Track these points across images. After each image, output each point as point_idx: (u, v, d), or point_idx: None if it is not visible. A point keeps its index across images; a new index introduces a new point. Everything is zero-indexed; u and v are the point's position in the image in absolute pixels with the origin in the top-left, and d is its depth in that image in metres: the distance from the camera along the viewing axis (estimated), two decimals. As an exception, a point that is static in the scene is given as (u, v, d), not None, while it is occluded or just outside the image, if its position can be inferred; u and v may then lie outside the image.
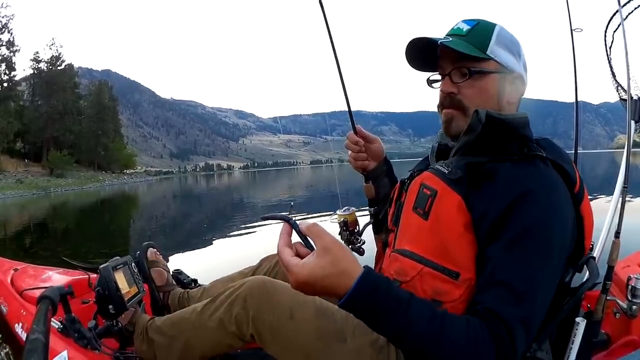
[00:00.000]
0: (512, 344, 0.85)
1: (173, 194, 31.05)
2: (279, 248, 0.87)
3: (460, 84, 1.16)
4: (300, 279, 0.83)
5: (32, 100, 68.86)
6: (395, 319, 0.83)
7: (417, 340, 0.84)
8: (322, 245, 0.83)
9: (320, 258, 0.82)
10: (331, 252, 0.83)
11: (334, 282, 0.82)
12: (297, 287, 0.84)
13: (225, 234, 8.21)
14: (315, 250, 0.84)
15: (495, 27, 1.18)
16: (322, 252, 0.83)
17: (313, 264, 0.82)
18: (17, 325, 1.87)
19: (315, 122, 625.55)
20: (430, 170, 1.18)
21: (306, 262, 0.83)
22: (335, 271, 0.82)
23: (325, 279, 0.82)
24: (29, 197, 34.78)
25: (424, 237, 1.10)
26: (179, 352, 1.49)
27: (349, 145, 1.66)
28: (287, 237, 0.88)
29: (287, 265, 0.84)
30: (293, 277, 0.83)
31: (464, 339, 0.84)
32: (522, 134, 1.14)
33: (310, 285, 0.83)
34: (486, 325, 0.86)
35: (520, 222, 0.97)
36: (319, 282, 0.82)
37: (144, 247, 2.08)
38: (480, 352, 0.83)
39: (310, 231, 0.86)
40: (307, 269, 0.82)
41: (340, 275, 0.82)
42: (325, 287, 0.83)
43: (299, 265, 0.83)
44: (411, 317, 0.84)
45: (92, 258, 5.96)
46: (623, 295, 1.52)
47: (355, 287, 0.82)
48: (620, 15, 1.68)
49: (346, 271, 0.83)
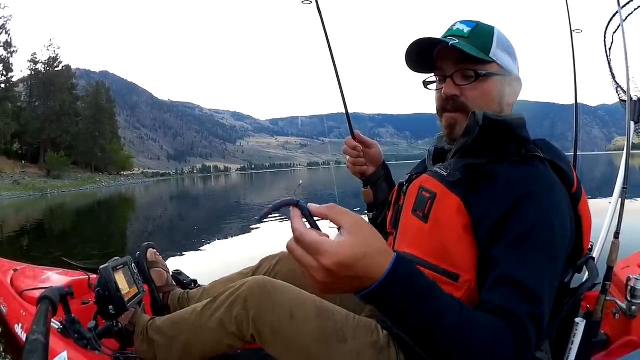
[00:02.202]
0: (528, 339, 0.84)
1: (170, 195, 30.98)
2: (300, 230, 0.74)
3: (464, 87, 1.16)
4: (339, 259, 0.70)
5: (30, 102, 68.64)
6: (430, 305, 0.77)
7: (447, 331, 0.77)
8: (353, 222, 0.74)
9: (354, 235, 0.72)
10: (363, 230, 0.74)
11: (372, 262, 0.72)
12: (335, 269, 0.71)
13: (224, 235, 8.19)
14: (343, 229, 0.73)
15: (495, 30, 1.18)
16: (353, 229, 0.73)
17: (351, 241, 0.72)
18: (17, 325, 1.88)
19: (312, 124, 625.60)
20: (429, 173, 1.18)
21: (343, 240, 0.72)
22: (373, 250, 0.73)
23: (365, 258, 0.72)
24: (25, 198, 34.61)
25: (423, 239, 1.10)
26: (179, 352, 1.49)
27: (347, 151, 1.66)
28: (301, 220, 0.76)
29: (319, 246, 0.71)
30: (330, 258, 0.70)
31: (489, 333, 0.81)
32: (519, 135, 1.15)
33: (349, 267, 0.71)
34: (504, 322, 0.84)
35: (523, 223, 0.97)
36: (358, 263, 0.71)
37: (144, 247, 2.08)
38: (504, 347, 0.81)
39: (330, 211, 0.76)
40: (347, 246, 0.71)
41: (378, 255, 0.73)
42: (364, 267, 0.72)
43: (336, 244, 0.71)
44: (444, 305, 0.78)
45: (89, 259, 5.94)
46: (622, 295, 1.53)
47: (393, 266, 0.74)
48: (620, 16, 1.68)
49: (383, 250, 0.74)
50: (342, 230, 0.74)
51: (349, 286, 0.74)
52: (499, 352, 0.80)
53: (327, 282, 0.73)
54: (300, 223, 0.75)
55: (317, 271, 0.72)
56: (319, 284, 0.74)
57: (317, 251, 0.71)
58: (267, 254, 1.87)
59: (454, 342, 0.77)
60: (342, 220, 0.74)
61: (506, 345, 0.81)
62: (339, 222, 0.74)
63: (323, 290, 0.75)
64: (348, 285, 0.74)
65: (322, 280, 0.73)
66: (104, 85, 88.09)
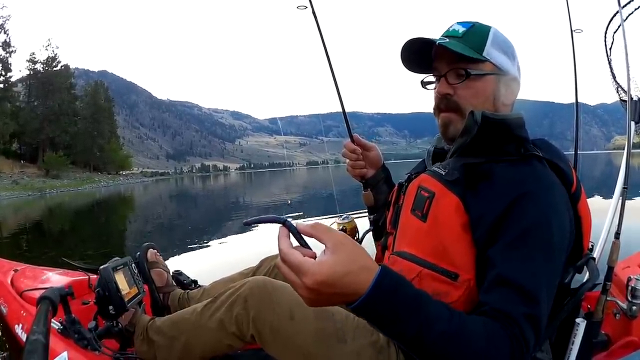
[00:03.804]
0: (525, 341, 0.84)
1: (170, 194, 30.98)
2: (284, 250, 0.77)
3: (457, 86, 1.16)
4: (320, 278, 0.73)
5: (28, 101, 68.55)
6: (418, 315, 0.78)
7: (438, 340, 0.78)
8: (335, 241, 0.76)
9: (336, 254, 0.75)
10: (346, 248, 0.76)
11: (354, 279, 0.74)
12: (316, 287, 0.74)
13: (224, 235, 8.18)
14: (327, 247, 0.76)
15: (491, 29, 1.18)
16: (336, 248, 0.75)
17: (332, 261, 0.74)
18: (17, 326, 1.87)
19: (311, 124, 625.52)
20: (428, 173, 1.18)
21: (323, 260, 0.74)
22: (356, 267, 0.75)
23: (346, 276, 0.74)
24: (24, 198, 34.60)
25: (422, 239, 1.10)
26: (179, 352, 1.49)
27: (347, 154, 1.66)
28: (287, 239, 0.79)
29: (300, 266, 0.74)
30: (312, 277, 0.73)
31: (483, 338, 0.81)
32: (518, 135, 1.14)
33: (331, 285, 0.73)
34: (499, 325, 0.84)
35: (521, 223, 0.96)
36: (340, 280, 0.73)
37: (144, 247, 2.08)
38: (498, 351, 0.81)
39: (315, 229, 0.78)
40: (327, 266, 0.73)
41: (360, 272, 0.75)
42: (346, 285, 0.74)
43: (316, 264, 0.74)
44: (432, 315, 0.79)
45: (88, 259, 5.93)
46: (623, 296, 1.53)
47: (375, 282, 0.75)
48: (621, 16, 1.68)
49: (365, 266, 0.76)
50: (325, 249, 0.76)
51: (335, 301, 0.77)
52: (494, 355, 0.81)
53: (312, 298, 0.76)
54: (285, 243, 0.78)
55: (302, 289, 0.76)
56: (305, 299, 0.78)
57: (299, 271, 0.75)
58: (267, 254, 1.87)
59: (446, 350, 0.79)
60: (325, 239, 0.77)
61: (501, 348, 0.82)
62: (323, 240, 0.77)
63: (311, 304, 0.79)
64: (333, 300, 0.77)
65: (307, 297, 0.76)
66: (103, 85, 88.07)
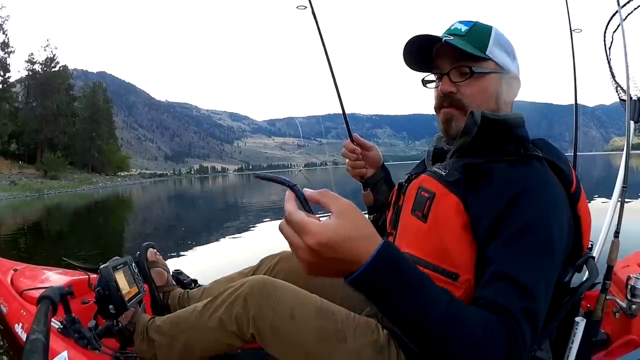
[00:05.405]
0: (521, 335, 0.83)
1: (168, 195, 30.96)
2: (290, 210, 0.76)
3: (460, 84, 1.16)
4: (321, 239, 0.72)
5: (27, 102, 68.54)
6: (417, 295, 0.77)
7: (435, 324, 0.77)
8: (341, 207, 0.76)
9: (341, 219, 0.74)
10: (351, 214, 0.76)
11: (357, 245, 0.73)
12: (318, 249, 0.72)
13: (224, 235, 8.17)
14: (332, 213, 0.75)
15: (492, 29, 1.18)
16: (342, 213, 0.75)
17: (336, 224, 0.73)
18: (17, 325, 1.87)
19: (309, 125, 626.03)
20: (428, 173, 1.18)
21: (328, 222, 0.74)
22: (359, 234, 0.74)
23: (348, 241, 0.73)
24: (22, 199, 34.52)
25: (422, 239, 1.10)
26: (179, 351, 1.49)
27: (346, 154, 1.65)
28: (294, 202, 0.78)
29: (304, 225, 0.73)
30: (314, 237, 0.72)
31: (480, 327, 0.80)
32: (517, 135, 1.15)
33: (332, 248, 0.72)
34: (496, 317, 0.84)
35: (518, 220, 0.96)
36: (342, 245, 0.72)
37: (144, 247, 2.08)
38: (495, 342, 0.80)
39: (322, 195, 0.78)
40: (331, 228, 0.73)
41: (364, 239, 0.74)
42: (348, 250, 0.73)
43: (320, 225, 0.73)
44: (432, 296, 0.78)
45: (86, 260, 5.92)
46: (622, 294, 1.53)
47: (379, 251, 0.74)
48: (620, 15, 1.68)
49: (370, 235, 0.75)
50: (331, 214, 0.75)
51: (334, 269, 0.76)
52: (490, 346, 0.80)
53: (312, 262, 0.74)
54: (292, 204, 0.77)
55: (302, 250, 0.74)
56: (305, 263, 0.76)
57: (302, 230, 0.73)
58: (267, 253, 1.86)
59: (442, 334, 0.77)
60: (332, 205, 0.76)
61: (498, 339, 0.81)
62: (330, 206, 0.76)
63: (309, 271, 0.77)
64: (333, 267, 0.75)
65: (307, 260, 0.74)
66: (101, 86, 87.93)
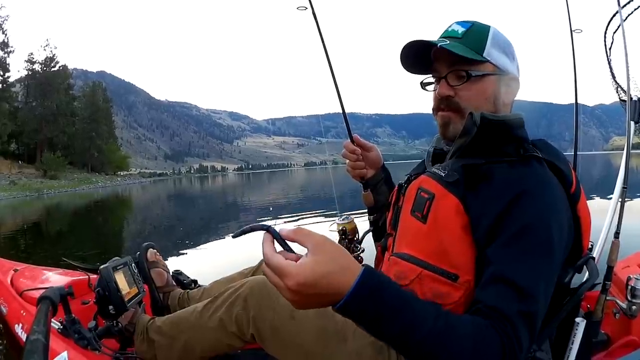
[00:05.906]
0: (517, 340, 0.84)
1: (168, 195, 30.96)
2: (268, 254, 0.79)
3: (457, 87, 1.15)
4: (300, 280, 0.74)
5: (26, 102, 68.48)
6: (402, 316, 0.78)
7: (424, 340, 0.78)
8: (314, 243, 0.78)
9: (317, 255, 0.76)
10: (326, 249, 0.78)
11: (336, 279, 0.75)
12: (298, 289, 0.75)
13: (225, 235, 8.18)
14: (308, 250, 0.77)
15: (490, 29, 1.17)
16: (316, 249, 0.77)
17: (312, 262, 0.75)
18: (17, 325, 1.87)
19: (309, 124, 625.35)
20: (427, 174, 1.18)
21: (304, 262, 0.76)
22: (336, 267, 0.76)
23: (327, 276, 0.75)
24: (22, 198, 34.50)
25: (422, 240, 1.09)
26: (179, 352, 1.49)
27: (347, 155, 1.65)
28: (271, 244, 0.81)
29: (282, 269, 0.76)
30: (293, 279, 0.75)
31: (470, 337, 0.81)
32: (517, 135, 1.14)
33: (312, 286, 0.75)
34: (490, 323, 0.84)
35: (518, 221, 0.96)
36: (320, 281, 0.75)
37: (144, 247, 2.08)
38: (487, 349, 0.81)
39: (296, 234, 0.80)
40: (308, 267, 0.75)
41: (341, 272, 0.76)
42: (328, 285, 0.75)
43: (297, 266, 0.75)
44: (418, 315, 0.79)
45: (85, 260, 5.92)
46: (623, 295, 1.52)
47: (359, 281, 0.76)
48: (620, 16, 1.68)
49: (347, 267, 0.77)
50: (307, 251, 0.78)
51: (319, 302, 0.78)
52: (482, 353, 0.81)
53: (296, 299, 0.77)
54: (269, 247, 0.80)
55: (285, 291, 0.77)
56: (290, 302, 0.78)
57: (281, 273, 0.76)
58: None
59: (432, 348, 0.79)
60: (306, 242, 0.78)
61: (491, 345, 0.81)
62: (305, 243, 0.79)
63: (297, 307, 0.80)
64: (317, 301, 0.78)
65: (291, 299, 0.78)
66: (101, 85, 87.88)
